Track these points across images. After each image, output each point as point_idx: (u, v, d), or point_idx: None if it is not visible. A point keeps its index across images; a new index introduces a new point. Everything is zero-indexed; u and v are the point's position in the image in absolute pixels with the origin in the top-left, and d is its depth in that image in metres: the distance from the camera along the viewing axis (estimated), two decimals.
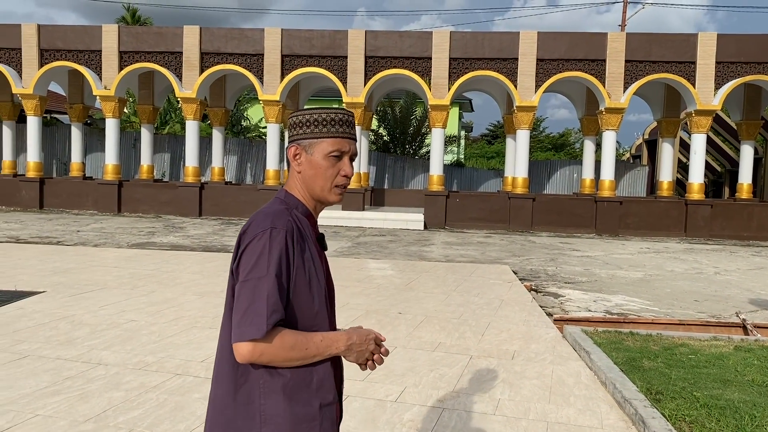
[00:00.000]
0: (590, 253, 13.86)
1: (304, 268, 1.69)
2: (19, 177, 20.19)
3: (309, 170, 1.78)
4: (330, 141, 1.77)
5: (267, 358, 1.61)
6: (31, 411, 4.08)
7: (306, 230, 1.76)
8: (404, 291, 8.69)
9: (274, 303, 1.59)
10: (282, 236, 1.64)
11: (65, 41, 19.37)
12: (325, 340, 1.68)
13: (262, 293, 1.59)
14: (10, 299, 7.25)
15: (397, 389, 4.73)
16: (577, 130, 40.81)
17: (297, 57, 18.76)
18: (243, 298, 1.61)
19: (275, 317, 1.59)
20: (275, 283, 1.60)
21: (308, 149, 1.78)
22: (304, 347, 1.64)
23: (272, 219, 1.67)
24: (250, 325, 1.57)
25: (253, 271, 1.61)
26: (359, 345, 1.72)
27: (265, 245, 1.62)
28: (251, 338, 1.57)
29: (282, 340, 1.61)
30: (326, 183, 1.78)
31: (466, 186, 25.50)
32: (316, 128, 1.77)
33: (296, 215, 1.76)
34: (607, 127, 18.15)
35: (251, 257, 1.63)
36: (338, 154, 1.78)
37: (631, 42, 17.86)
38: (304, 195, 1.81)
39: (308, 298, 1.70)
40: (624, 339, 6.21)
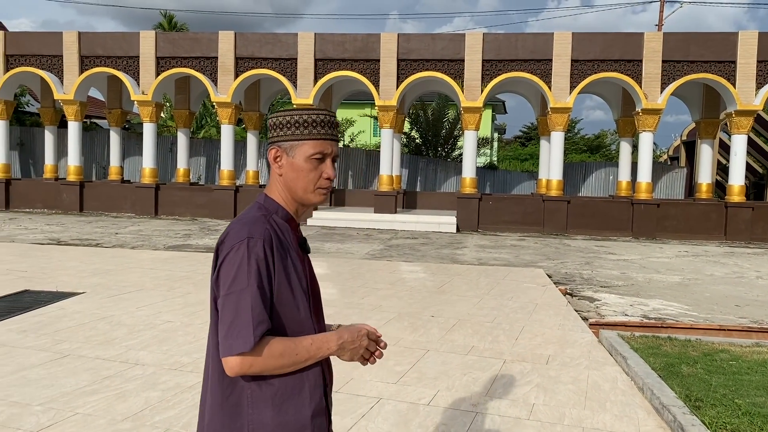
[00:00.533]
0: (627, 257, 13.63)
1: (286, 275, 1.66)
2: (60, 180, 20.71)
3: (290, 173, 1.74)
4: (312, 143, 1.73)
5: (257, 369, 1.59)
6: (71, 409, 4.18)
7: (286, 236, 1.73)
8: (436, 294, 8.66)
9: (258, 314, 1.57)
10: (260, 246, 1.61)
11: (104, 48, 19.82)
12: (315, 342, 1.65)
13: (246, 305, 1.57)
14: (52, 300, 7.43)
15: (429, 393, 4.71)
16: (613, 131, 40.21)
17: (330, 61, 18.87)
18: (227, 311, 1.58)
19: (261, 328, 1.57)
20: (258, 294, 1.58)
21: (289, 151, 1.74)
22: (294, 353, 1.62)
23: (249, 228, 1.64)
24: (236, 338, 1.55)
25: (234, 284, 1.59)
26: (351, 343, 1.69)
27: (243, 256, 1.60)
28: (239, 352, 1.55)
29: (270, 350, 1.58)
30: (308, 185, 1.75)
31: (499, 188, 25.32)
32: (297, 130, 1.73)
33: (275, 221, 1.73)
34: (643, 129, 17.84)
35: (230, 269, 1.61)
36: (320, 157, 1.74)
37: (668, 41, 17.53)
38: (285, 198, 1.77)
39: (293, 306, 1.68)
40: (662, 344, 6.08)
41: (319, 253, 12.69)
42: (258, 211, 1.73)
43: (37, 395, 4.40)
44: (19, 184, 20.94)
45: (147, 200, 19.92)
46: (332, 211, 19.45)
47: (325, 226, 18.02)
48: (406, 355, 5.66)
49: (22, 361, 5.15)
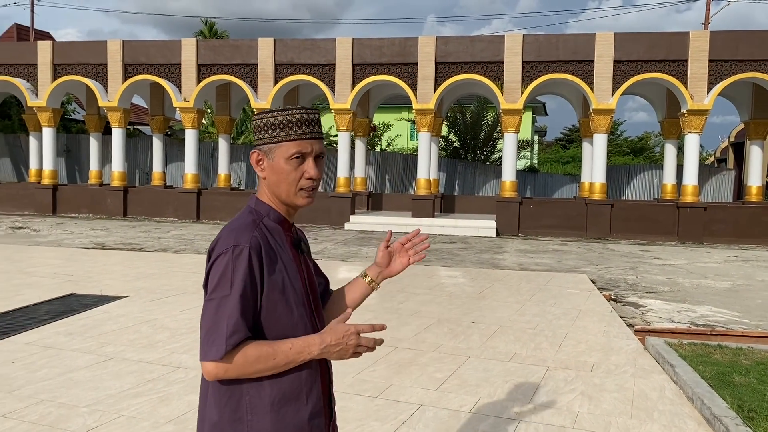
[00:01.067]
0: (673, 262, 13.27)
1: (276, 281, 1.66)
2: (104, 186, 21.21)
3: (272, 176, 1.73)
4: (289, 144, 1.70)
5: (233, 374, 1.60)
6: (116, 411, 4.24)
7: (278, 238, 1.72)
8: (476, 300, 8.56)
9: (234, 323, 1.57)
10: (245, 254, 1.61)
11: (147, 56, 20.25)
12: (294, 347, 1.63)
13: (224, 313, 1.58)
14: (97, 303, 7.58)
15: (471, 400, 4.64)
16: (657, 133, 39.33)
17: (367, 65, 18.91)
18: (206, 317, 1.60)
19: (235, 338, 1.57)
20: (238, 303, 1.58)
21: (269, 154, 1.72)
22: (272, 358, 1.61)
23: (236, 235, 1.64)
24: (211, 345, 1.57)
25: (216, 290, 1.60)
26: (336, 345, 1.65)
27: (227, 264, 1.60)
28: (212, 359, 1.57)
29: (245, 357, 1.59)
30: (290, 188, 1.72)
31: (540, 192, 24.98)
32: (274, 132, 1.71)
33: (266, 224, 1.72)
34: (689, 130, 17.38)
35: (215, 276, 1.62)
36: (299, 156, 1.71)
37: (715, 40, 17.06)
38: (274, 200, 1.76)
39: (285, 310, 1.67)
40: (711, 352, 5.88)
41: (356, 257, 12.69)
42: (248, 215, 1.73)
43: (83, 397, 4.48)
44: (65, 190, 21.52)
45: (189, 205, 20.25)
46: (369, 215, 19.46)
47: (363, 231, 18.04)
48: (446, 361, 5.59)
49: (69, 363, 5.26)
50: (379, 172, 25.46)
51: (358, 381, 4.95)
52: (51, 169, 21.27)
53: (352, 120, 19.19)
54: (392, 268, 2.06)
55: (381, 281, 2.06)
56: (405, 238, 2.01)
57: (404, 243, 2.02)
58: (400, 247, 2.04)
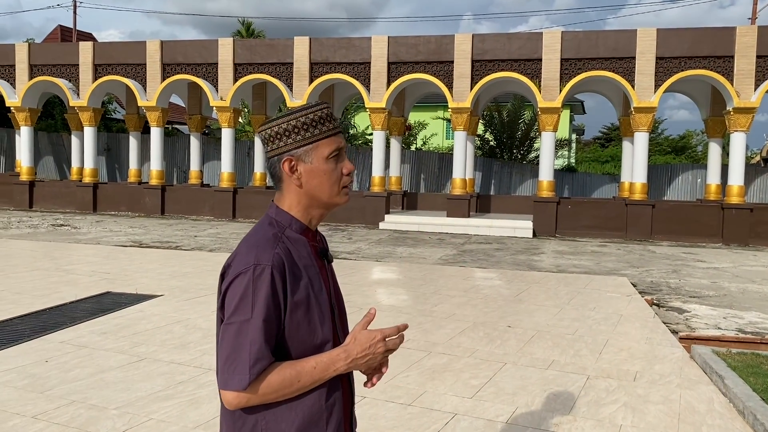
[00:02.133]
0: (717, 265, 12.82)
1: (301, 300, 1.53)
2: (143, 184, 21.51)
3: (312, 180, 1.60)
4: (326, 141, 1.60)
5: (255, 402, 1.49)
6: (145, 414, 4.19)
7: (302, 251, 1.59)
8: (513, 303, 8.35)
9: (257, 351, 1.46)
10: (268, 274, 1.48)
11: (185, 55, 20.45)
12: (319, 366, 1.52)
13: (245, 339, 1.46)
14: (132, 302, 7.61)
15: (508, 409, 4.47)
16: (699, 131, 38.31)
17: (403, 64, 18.77)
18: (226, 343, 1.48)
19: (259, 367, 1.46)
20: (261, 328, 1.46)
21: (305, 157, 1.60)
22: (296, 380, 1.50)
23: (256, 253, 1.51)
24: (233, 373, 1.46)
25: (236, 314, 1.48)
26: (363, 357, 1.54)
27: (248, 285, 1.47)
28: (234, 389, 1.46)
29: (268, 384, 1.47)
30: (334, 187, 1.62)
31: (578, 192, 24.51)
32: (306, 132, 1.59)
33: (288, 237, 1.59)
34: (735, 129, 16.80)
35: (234, 297, 1.49)
36: (337, 153, 1.62)
37: (763, 36, 16.44)
38: (302, 209, 1.64)
39: (308, 331, 1.55)
40: (763, 363, 5.58)
41: (391, 257, 12.56)
42: (269, 228, 1.60)
43: (113, 398, 4.45)
44: (105, 188, 21.89)
45: (225, 203, 20.39)
46: (404, 214, 19.32)
47: (397, 230, 17.91)
48: (482, 367, 5.42)
49: (101, 363, 5.25)
50: (414, 171, 25.30)
51: (390, 387, 4.83)
52: (92, 167, 21.65)
53: (387, 119, 19.07)
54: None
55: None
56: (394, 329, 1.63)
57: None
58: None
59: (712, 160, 19.62)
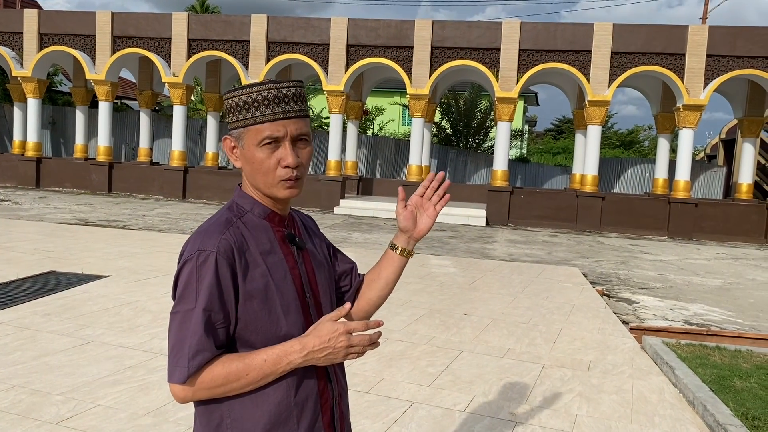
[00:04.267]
0: (663, 257, 13.18)
1: (256, 288, 1.43)
2: (89, 160, 20.77)
3: (246, 165, 1.49)
4: (257, 128, 1.45)
5: (202, 396, 1.41)
6: (92, 400, 4.01)
7: (261, 237, 1.48)
8: (468, 291, 8.38)
9: (197, 342, 1.37)
10: (212, 261, 1.38)
11: (137, 29, 19.76)
12: (269, 359, 1.41)
13: (188, 330, 1.38)
14: (77, 282, 7.32)
15: (465, 398, 4.45)
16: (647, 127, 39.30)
17: (362, 47, 18.56)
18: (171, 332, 1.41)
19: (199, 359, 1.37)
20: (202, 318, 1.37)
21: (240, 141, 1.48)
22: (245, 374, 1.39)
23: (202, 239, 1.41)
24: (175, 366, 1.38)
25: (181, 303, 1.40)
26: (321, 350, 1.42)
27: (192, 272, 1.39)
28: (177, 382, 1.38)
29: (212, 378, 1.38)
30: (267, 178, 1.47)
31: (530, 182, 24.84)
32: (241, 114, 1.46)
33: (246, 222, 1.48)
34: (684, 125, 17.26)
35: (180, 285, 1.41)
36: (271, 142, 1.45)
37: (713, 35, 16.89)
38: (257, 192, 1.52)
39: (268, 322, 1.44)
40: (710, 354, 5.74)
41: (346, 243, 12.47)
42: (226, 212, 1.49)
43: (58, 383, 4.25)
44: (49, 163, 21.06)
45: (175, 183, 19.88)
46: (359, 200, 19.22)
47: (352, 215, 17.80)
48: (438, 355, 5.40)
49: (45, 346, 5.01)
50: (370, 157, 25.18)
51: (347, 375, 4.74)
52: (35, 141, 20.78)
53: (344, 102, 18.87)
54: (420, 227, 1.75)
55: (413, 247, 1.77)
56: (422, 188, 1.73)
57: (422, 194, 1.74)
58: (420, 201, 1.75)
59: (661, 155, 20.15)
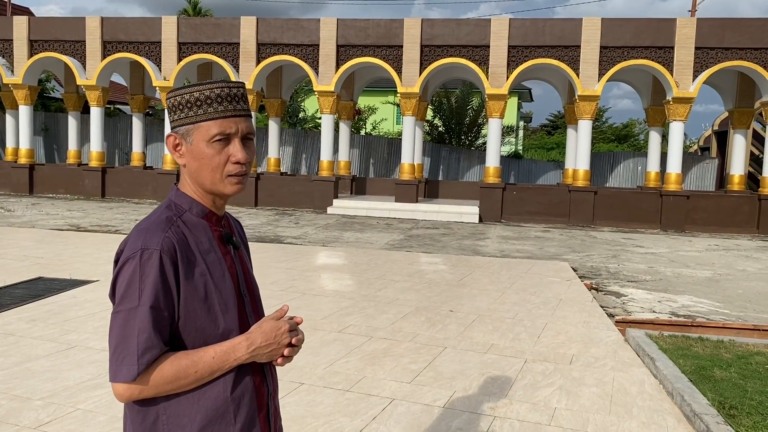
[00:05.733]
0: (655, 250, 13.22)
1: (196, 287, 1.46)
2: (82, 166, 20.77)
3: (193, 162, 1.50)
4: (209, 124, 1.48)
5: (149, 394, 1.42)
6: (72, 404, 4.03)
7: (200, 236, 1.52)
8: (456, 287, 8.41)
9: (146, 340, 1.38)
10: (156, 259, 1.40)
11: (127, 33, 19.76)
12: (218, 355, 1.44)
13: (133, 328, 1.38)
14: (65, 288, 7.34)
15: (445, 394, 4.48)
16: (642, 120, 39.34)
17: (352, 47, 18.59)
18: (114, 332, 1.41)
19: (149, 356, 1.38)
20: (149, 316, 1.39)
21: (187, 137, 1.50)
22: (193, 370, 1.42)
23: (145, 237, 1.43)
24: (121, 364, 1.39)
25: (124, 301, 1.40)
26: (266, 346, 1.48)
27: (135, 271, 1.40)
28: (123, 381, 1.39)
29: (161, 375, 1.40)
30: (215, 174, 1.50)
31: (523, 178, 24.89)
32: (190, 110, 1.49)
33: (185, 221, 1.51)
34: (674, 118, 17.30)
35: (122, 284, 1.41)
36: (222, 138, 1.49)
37: (701, 28, 16.93)
38: (197, 191, 1.54)
39: (207, 320, 1.47)
40: (692, 345, 5.77)
41: (337, 242, 12.49)
42: (165, 211, 1.51)
43: (39, 388, 4.27)
44: (42, 169, 21.06)
45: (168, 186, 19.86)
46: (352, 199, 19.25)
47: (345, 215, 17.83)
48: (422, 352, 5.43)
49: (28, 351, 5.03)
50: (363, 156, 25.21)
51: (329, 373, 4.78)
52: (28, 147, 20.77)
53: (336, 102, 18.89)
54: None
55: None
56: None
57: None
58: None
59: (652, 149, 20.20)
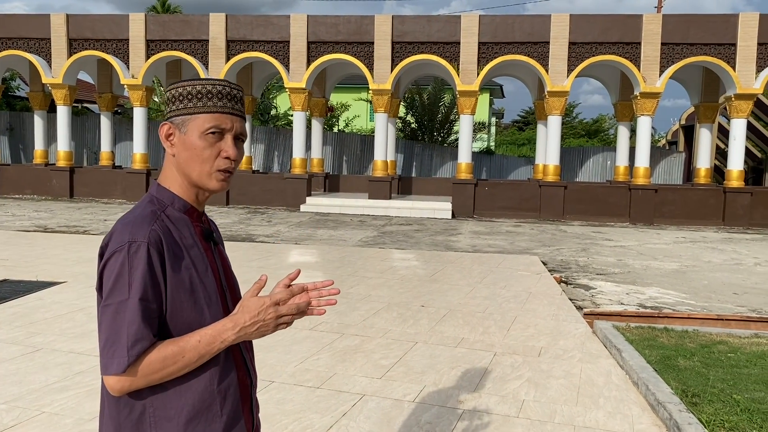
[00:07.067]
0: (623, 243, 13.43)
1: (182, 280, 1.47)
2: (50, 166, 20.40)
3: (183, 152, 1.53)
4: (206, 116, 1.52)
5: (140, 384, 1.43)
6: (37, 408, 3.98)
7: (184, 231, 1.53)
8: (428, 283, 8.46)
9: (136, 332, 1.39)
10: (143, 251, 1.42)
11: (93, 31, 19.44)
12: (204, 339, 1.45)
13: (123, 321, 1.40)
14: (31, 290, 7.22)
15: (416, 388, 4.52)
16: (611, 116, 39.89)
17: (323, 44, 18.53)
18: (104, 326, 1.42)
19: (138, 348, 1.39)
20: (138, 308, 1.40)
21: (182, 127, 1.53)
22: (180, 356, 1.43)
23: (131, 230, 1.44)
24: (111, 357, 1.40)
25: (113, 295, 1.41)
26: (253, 325, 1.47)
27: (123, 264, 1.41)
28: (114, 373, 1.39)
29: (149, 364, 1.41)
30: (203, 166, 1.52)
31: (495, 174, 25.06)
32: (190, 102, 1.52)
33: (169, 215, 1.53)
34: (642, 113, 17.57)
35: (110, 278, 1.42)
36: (216, 131, 1.52)
37: (667, 24, 17.21)
38: (182, 184, 1.56)
39: (193, 312, 1.48)
40: (658, 335, 5.89)
41: (310, 240, 12.47)
42: (148, 205, 1.53)
43: (3, 392, 4.20)
44: (8, 170, 20.63)
45: (138, 186, 19.63)
46: (326, 197, 19.21)
47: (319, 213, 17.79)
48: (393, 347, 5.46)
49: None
50: (336, 153, 25.16)
51: (300, 371, 4.78)
52: None
53: (307, 99, 18.82)
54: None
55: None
56: (312, 285, 1.60)
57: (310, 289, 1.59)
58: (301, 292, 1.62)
59: (621, 143, 20.50)
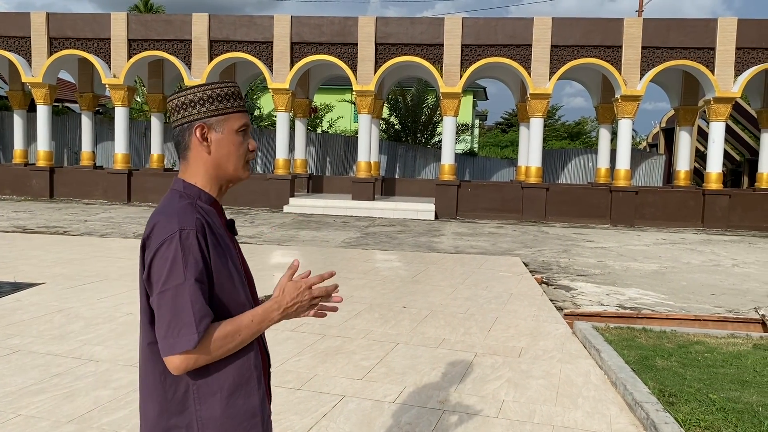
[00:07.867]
0: (604, 245, 13.55)
1: (223, 261, 1.59)
2: (29, 166, 20.17)
3: (221, 150, 1.66)
4: (238, 116, 1.67)
5: (204, 361, 1.53)
6: (13, 411, 3.93)
7: (214, 220, 1.64)
8: (410, 284, 8.47)
9: (200, 309, 1.49)
10: (193, 237, 1.53)
11: (74, 29, 19.25)
12: (255, 318, 1.59)
13: (185, 301, 1.48)
14: (9, 291, 7.13)
15: (396, 389, 4.52)
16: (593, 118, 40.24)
17: (306, 44, 18.50)
18: (164, 309, 1.49)
19: (205, 323, 1.50)
20: (196, 288, 1.50)
21: (218, 127, 1.65)
22: (237, 334, 1.55)
23: (178, 219, 1.55)
24: (177, 336, 1.48)
25: (169, 280, 1.49)
26: (293, 305, 1.62)
27: (176, 250, 1.50)
28: (183, 350, 1.48)
29: (213, 341, 1.52)
30: (239, 161, 1.69)
31: (478, 175, 25.17)
32: (220, 103, 1.65)
33: (202, 207, 1.63)
34: (622, 115, 17.74)
35: (163, 265, 1.50)
36: (245, 128, 1.68)
37: (648, 28, 17.40)
38: (209, 180, 1.68)
39: (233, 292, 1.61)
40: (637, 336, 5.96)
41: (293, 241, 12.44)
42: (181, 199, 1.62)
43: None
44: None
45: (119, 186, 19.48)
46: (309, 198, 19.17)
47: (302, 213, 17.75)
48: (374, 348, 5.47)
49: None
50: (320, 154, 25.13)
51: (281, 372, 4.77)
52: None
53: (291, 100, 18.78)
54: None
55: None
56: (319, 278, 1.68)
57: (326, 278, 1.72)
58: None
59: (602, 145, 20.69)
